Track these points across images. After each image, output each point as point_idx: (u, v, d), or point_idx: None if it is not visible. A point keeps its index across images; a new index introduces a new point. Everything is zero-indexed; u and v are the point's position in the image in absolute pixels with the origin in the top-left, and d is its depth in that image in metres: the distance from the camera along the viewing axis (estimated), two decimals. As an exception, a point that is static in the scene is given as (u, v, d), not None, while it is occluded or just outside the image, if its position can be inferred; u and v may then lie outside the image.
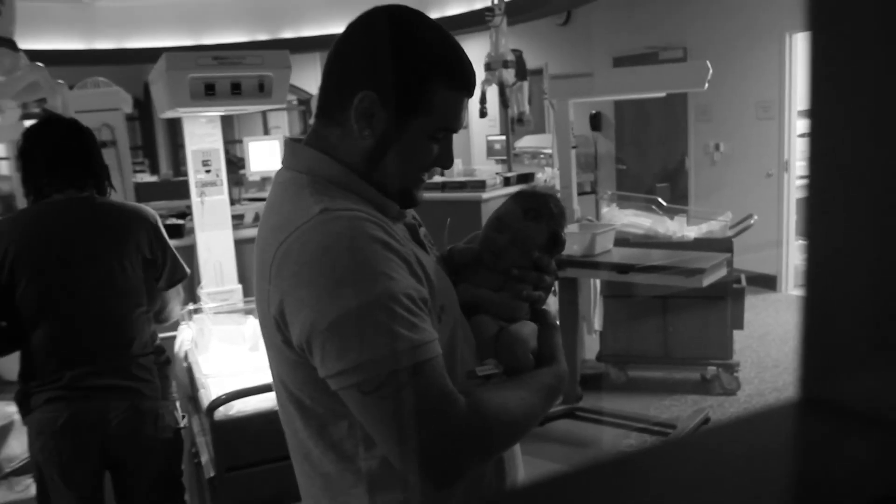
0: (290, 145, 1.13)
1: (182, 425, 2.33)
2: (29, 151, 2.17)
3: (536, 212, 1.18)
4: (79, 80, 5.44)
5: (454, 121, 1.08)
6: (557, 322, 1.25)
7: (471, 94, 1.09)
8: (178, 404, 2.36)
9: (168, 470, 2.29)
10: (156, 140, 11.15)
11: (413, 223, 1.16)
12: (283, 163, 1.13)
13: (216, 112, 3.18)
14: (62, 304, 2.10)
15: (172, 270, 2.28)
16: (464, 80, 1.07)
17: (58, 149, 2.17)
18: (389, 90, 1.02)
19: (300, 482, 1.14)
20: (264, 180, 6.71)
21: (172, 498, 2.34)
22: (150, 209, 2.30)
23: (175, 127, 9.52)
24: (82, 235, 2.13)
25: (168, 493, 2.32)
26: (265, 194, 6.05)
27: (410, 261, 1.00)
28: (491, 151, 7.91)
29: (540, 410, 1.10)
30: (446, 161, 1.11)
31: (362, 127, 1.04)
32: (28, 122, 3.11)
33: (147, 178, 8.64)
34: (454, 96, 1.06)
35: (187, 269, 2.35)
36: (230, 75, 2.85)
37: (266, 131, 11.37)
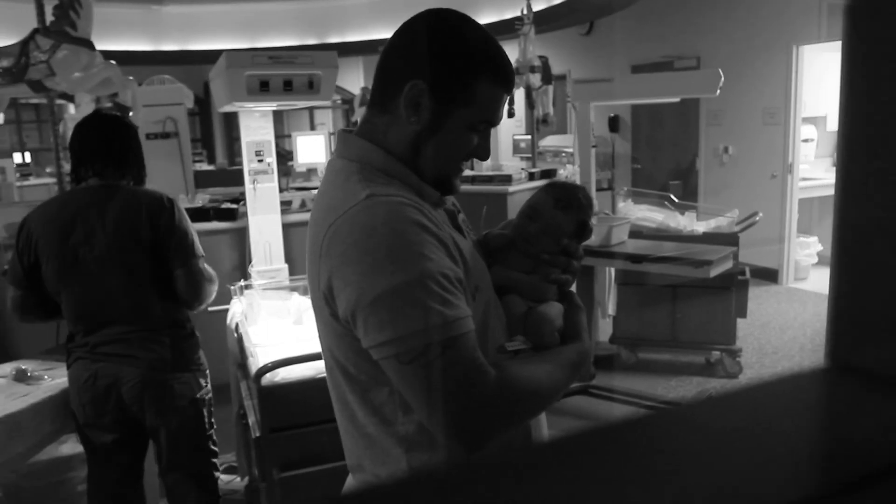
0: (343, 136, 1.12)
1: (199, 395, 2.26)
2: (71, 144, 2.22)
3: (566, 202, 1.16)
4: (147, 77, 5.49)
5: (494, 114, 1.07)
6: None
7: (510, 90, 1.08)
8: (199, 376, 2.27)
9: (187, 435, 2.25)
10: (213, 132, 11.24)
11: (452, 210, 1.15)
12: (335, 152, 1.12)
13: (270, 107, 3.18)
14: (74, 281, 2.11)
15: (175, 251, 2.15)
16: (505, 77, 1.06)
17: (87, 142, 2.19)
18: (437, 81, 1.02)
19: (345, 442, 1.14)
20: (310, 171, 6.74)
21: (198, 461, 2.32)
22: (165, 195, 2.19)
23: (231, 121, 9.60)
24: (92, 219, 2.11)
25: (194, 457, 2.30)
26: (311, 183, 6.08)
27: (448, 243, 0.99)
28: (517, 149, 7.86)
29: (564, 384, 1.09)
30: (484, 153, 1.09)
31: (410, 114, 1.03)
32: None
33: (205, 166, 8.72)
34: (495, 91, 1.05)
35: (199, 251, 2.21)
36: (283, 73, 2.86)
37: (312, 127, 11.43)
